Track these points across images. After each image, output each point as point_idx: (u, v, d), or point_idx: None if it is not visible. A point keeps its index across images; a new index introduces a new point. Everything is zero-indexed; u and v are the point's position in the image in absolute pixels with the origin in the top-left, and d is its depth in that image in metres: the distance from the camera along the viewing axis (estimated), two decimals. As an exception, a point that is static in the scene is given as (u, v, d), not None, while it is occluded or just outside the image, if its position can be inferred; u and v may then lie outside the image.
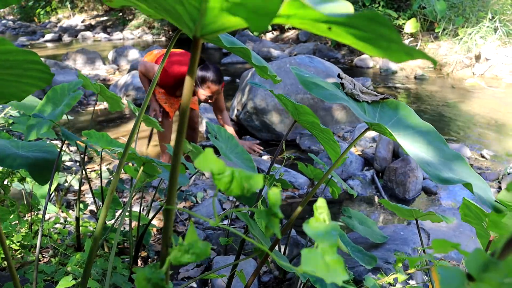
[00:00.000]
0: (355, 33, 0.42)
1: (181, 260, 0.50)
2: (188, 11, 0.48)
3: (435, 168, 0.63)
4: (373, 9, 9.27)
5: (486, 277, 0.40)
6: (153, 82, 0.75)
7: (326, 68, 4.29)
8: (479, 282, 0.41)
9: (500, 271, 0.40)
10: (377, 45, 0.43)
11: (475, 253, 0.43)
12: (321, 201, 0.56)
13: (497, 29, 7.29)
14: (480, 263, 0.42)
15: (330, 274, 0.46)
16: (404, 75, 7.40)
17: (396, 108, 0.87)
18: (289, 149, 3.86)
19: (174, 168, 0.57)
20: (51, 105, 1.28)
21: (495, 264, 0.41)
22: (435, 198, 2.97)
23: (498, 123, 4.60)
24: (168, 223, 0.59)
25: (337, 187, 1.72)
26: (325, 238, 0.49)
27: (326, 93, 0.72)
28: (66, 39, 14.39)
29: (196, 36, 0.54)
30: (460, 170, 0.69)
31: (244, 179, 0.51)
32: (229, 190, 0.52)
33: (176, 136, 0.57)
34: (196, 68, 0.56)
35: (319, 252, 0.48)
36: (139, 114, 0.74)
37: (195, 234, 0.52)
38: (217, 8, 0.44)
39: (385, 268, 1.61)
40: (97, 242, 0.87)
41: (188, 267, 2.03)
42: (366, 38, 0.42)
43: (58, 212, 2.29)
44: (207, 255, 0.51)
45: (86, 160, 3.44)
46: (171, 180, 0.58)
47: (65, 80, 5.90)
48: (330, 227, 0.51)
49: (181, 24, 0.53)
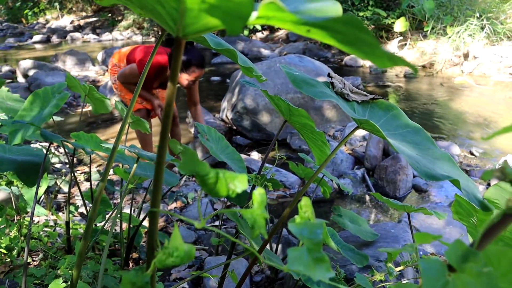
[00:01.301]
0: (334, 36, 0.43)
1: (166, 263, 0.50)
2: (168, 11, 0.48)
3: (423, 165, 0.64)
4: (363, 8, 9.31)
5: (466, 267, 0.41)
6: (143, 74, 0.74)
7: (316, 67, 4.30)
8: (459, 273, 0.41)
9: (479, 261, 0.41)
10: (359, 49, 0.43)
11: (455, 244, 0.44)
12: (305, 200, 0.56)
13: (485, 27, 7.35)
14: (460, 254, 0.43)
15: (316, 271, 0.46)
16: (394, 73, 7.44)
17: (386, 108, 0.88)
18: (279, 149, 3.87)
19: (158, 169, 0.57)
20: (36, 108, 1.27)
21: (474, 254, 0.42)
22: (425, 195, 2.99)
23: (486, 120, 4.64)
24: (153, 226, 0.58)
25: (328, 187, 1.72)
26: (310, 236, 0.50)
27: (316, 91, 0.72)
28: (55, 40, 14.28)
29: (178, 36, 0.54)
30: (448, 169, 0.69)
31: (229, 179, 0.51)
32: (214, 192, 0.52)
33: (160, 136, 0.57)
34: (179, 68, 0.56)
35: (305, 250, 0.48)
36: (126, 115, 0.74)
37: (180, 236, 0.51)
38: (196, 9, 0.44)
39: (376, 266, 1.61)
40: (86, 244, 0.86)
41: (180, 268, 2.03)
42: (346, 41, 0.43)
43: (48, 214, 2.27)
44: (191, 258, 0.51)
45: (76, 162, 3.42)
46: (155, 182, 0.57)
47: (54, 82, 5.86)
48: (315, 225, 0.52)
49: (164, 24, 0.53)
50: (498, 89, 6.15)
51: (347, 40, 0.42)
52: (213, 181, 0.51)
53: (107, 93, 5.59)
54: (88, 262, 1.56)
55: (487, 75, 6.92)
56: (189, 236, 2.32)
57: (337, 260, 1.64)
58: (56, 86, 1.32)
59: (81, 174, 3.17)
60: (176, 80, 0.58)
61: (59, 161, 3.23)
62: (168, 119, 0.58)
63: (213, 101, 5.38)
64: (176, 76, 0.57)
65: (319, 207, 2.83)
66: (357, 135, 3.95)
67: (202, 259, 2.11)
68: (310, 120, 0.98)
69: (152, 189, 0.58)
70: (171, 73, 0.57)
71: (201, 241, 2.31)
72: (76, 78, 5.94)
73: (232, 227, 2.45)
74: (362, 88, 6.20)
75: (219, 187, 0.52)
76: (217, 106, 5.19)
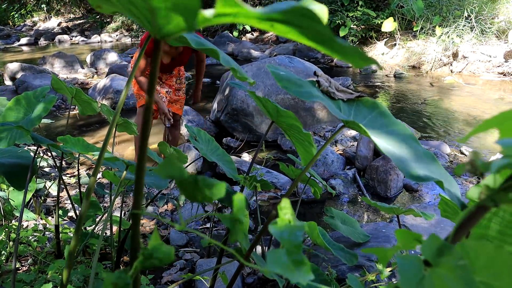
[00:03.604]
0: (296, 30, 0.43)
1: (146, 264, 0.50)
2: (142, 13, 0.48)
3: (407, 165, 0.64)
4: (353, 8, 9.35)
5: (441, 262, 0.42)
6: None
7: (306, 68, 4.31)
8: (435, 267, 0.42)
9: (454, 254, 0.42)
10: (327, 45, 0.43)
11: (430, 240, 0.44)
12: (285, 201, 0.56)
13: (473, 27, 7.42)
14: (435, 249, 0.43)
15: (295, 274, 0.46)
16: (384, 73, 7.48)
17: (371, 106, 0.88)
18: (270, 150, 3.86)
19: (139, 171, 0.56)
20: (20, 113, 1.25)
21: (449, 248, 0.43)
22: (416, 195, 3.01)
23: (476, 119, 4.68)
24: (136, 228, 0.58)
25: (318, 187, 1.72)
26: (290, 238, 0.50)
27: (302, 91, 0.72)
28: (43, 43, 14.16)
29: (156, 37, 0.53)
30: (432, 168, 0.70)
31: (206, 186, 0.51)
32: (191, 197, 0.52)
33: (139, 138, 0.56)
34: (158, 71, 0.55)
35: (284, 252, 0.49)
36: (113, 117, 0.73)
37: (159, 238, 0.51)
38: (163, 8, 0.45)
39: (368, 266, 1.61)
40: (74, 248, 0.85)
41: (171, 271, 2.01)
42: (308, 35, 0.43)
43: (37, 219, 2.25)
44: (170, 259, 0.51)
45: (65, 166, 3.39)
46: (136, 184, 0.57)
47: (42, 84, 5.80)
48: (295, 228, 0.52)
49: (145, 26, 0.53)
50: (487, 88, 6.21)
51: (308, 34, 0.43)
52: (190, 187, 0.52)
53: (96, 95, 5.55)
54: (79, 266, 1.54)
55: (476, 75, 6.99)
56: (180, 238, 2.31)
57: (329, 260, 1.64)
58: (39, 90, 1.30)
59: (70, 178, 3.14)
60: (154, 87, 0.56)
61: (48, 164, 3.20)
62: (147, 124, 0.57)
63: (203, 102, 5.36)
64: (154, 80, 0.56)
65: (311, 207, 2.83)
66: (347, 135, 3.96)
67: (194, 261, 2.10)
68: (298, 121, 0.98)
69: (134, 191, 0.58)
70: (149, 77, 0.56)
71: (193, 244, 2.30)
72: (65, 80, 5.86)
73: (223, 229, 2.44)
74: (352, 88, 6.22)
75: (196, 193, 0.52)
76: (207, 108, 5.17)
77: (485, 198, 0.43)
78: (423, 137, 4.14)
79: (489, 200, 0.42)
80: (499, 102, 5.40)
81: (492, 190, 0.42)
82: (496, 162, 0.40)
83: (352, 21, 9.26)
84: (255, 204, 1.91)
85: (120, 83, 5.52)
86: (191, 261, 2.11)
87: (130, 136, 3.76)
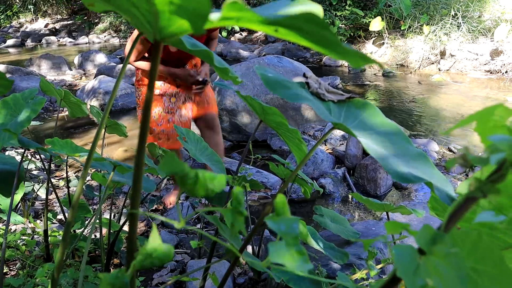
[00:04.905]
0: (300, 35, 0.44)
1: (145, 264, 0.50)
2: (143, 15, 0.48)
3: (396, 166, 0.64)
4: (341, 8, 9.39)
5: (435, 250, 0.44)
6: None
7: (295, 67, 4.32)
8: (429, 255, 0.44)
9: (446, 242, 0.44)
10: (331, 48, 0.44)
11: (424, 229, 0.46)
12: (281, 197, 0.58)
13: (460, 25, 7.49)
14: (428, 237, 0.45)
15: (296, 264, 0.49)
16: (373, 72, 7.53)
17: (362, 107, 0.88)
18: (260, 150, 3.87)
19: (137, 172, 0.56)
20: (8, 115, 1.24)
21: (442, 237, 0.45)
22: (406, 193, 3.03)
23: (464, 117, 4.72)
24: (133, 228, 0.58)
25: (308, 187, 1.73)
26: (287, 231, 0.52)
27: (290, 92, 0.72)
28: (29, 44, 14.01)
29: (156, 39, 0.54)
30: (424, 169, 0.70)
31: (208, 180, 0.51)
32: (193, 192, 0.52)
33: (138, 138, 0.56)
34: (157, 72, 0.55)
35: (284, 244, 0.51)
36: (102, 118, 0.73)
37: (158, 238, 0.51)
38: (166, 11, 0.45)
39: (358, 264, 1.62)
40: (63, 251, 0.84)
41: (162, 273, 2.01)
42: (313, 40, 0.44)
43: (25, 222, 2.23)
44: (170, 259, 0.52)
45: (54, 168, 3.36)
46: (134, 184, 0.57)
47: (29, 86, 5.75)
48: (291, 220, 0.54)
49: (143, 28, 0.53)
50: (474, 86, 6.27)
51: (313, 39, 0.43)
52: (192, 182, 0.52)
53: (85, 97, 5.51)
54: (68, 269, 1.53)
55: (464, 73, 7.06)
56: (171, 240, 2.30)
57: (319, 259, 1.65)
58: (27, 92, 1.29)
59: (59, 180, 3.12)
60: (153, 86, 0.56)
61: (36, 167, 3.17)
62: (146, 122, 0.57)
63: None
64: (153, 81, 0.56)
65: (301, 207, 2.84)
66: (337, 134, 3.97)
67: (185, 262, 2.10)
68: (283, 117, 0.98)
69: (131, 192, 0.58)
70: (149, 79, 0.56)
71: (183, 245, 2.30)
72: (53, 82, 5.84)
73: (213, 230, 2.44)
74: (341, 88, 6.25)
75: (198, 187, 0.53)
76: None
77: (474, 190, 0.45)
78: (412, 135, 4.17)
79: (478, 191, 0.45)
80: (487, 99, 5.46)
81: (481, 182, 0.44)
82: (494, 156, 0.42)
83: (341, 20, 9.31)
84: (245, 204, 1.91)
85: (108, 84, 5.48)
86: (182, 262, 2.10)
87: (119, 138, 3.73)
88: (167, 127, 2.41)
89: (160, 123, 2.39)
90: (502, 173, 0.43)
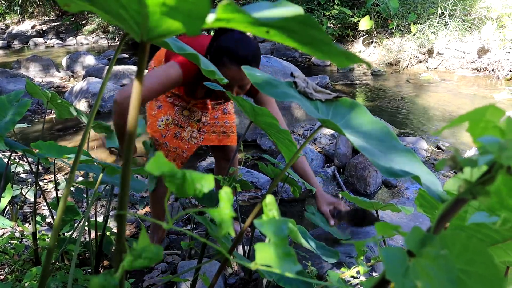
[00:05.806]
0: (292, 36, 0.44)
1: (134, 264, 0.50)
2: (131, 15, 0.48)
3: (384, 162, 0.65)
4: (329, 7, 9.42)
5: (424, 252, 0.44)
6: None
7: (284, 67, 4.32)
8: (418, 257, 0.44)
9: (435, 244, 0.44)
10: (318, 49, 0.44)
11: (413, 231, 0.46)
12: (270, 198, 0.58)
13: (447, 24, 7.56)
14: (418, 240, 0.45)
15: (283, 265, 0.48)
16: (361, 71, 7.56)
17: (350, 106, 0.89)
18: (250, 150, 3.87)
19: (125, 171, 0.56)
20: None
21: (431, 239, 0.45)
22: (395, 191, 3.05)
23: (452, 115, 4.77)
24: (121, 229, 0.58)
25: (297, 186, 1.73)
26: (276, 232, 0.52)
27: (278, 91, 0.72)
28: (16, 46, 13.88)
29: (143, 40, 0.53)
30: (411, 165, 0.71)
31: (195, 180, 0.51)
32: (181, 191, 0.52)
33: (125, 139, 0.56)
34: (143, 76, 0.55)
35: (271, 245, 0.50)
36: (88, 120, 0.72)
37: (147, 238, 0.51)
38: (157, 12, 0.45)
39: (348, 262, 1.63)
40: (51, 254, 0.84)
41: (153, 274, 2.00)
42: (304, 41, 0.44)
43: (14, 226, 2.20)
44: (159, 259, 0.51)
45: (42, 171, 3.33)
46: (122, 185, 0.56)
47: (16, 89, 5.69)
48: (280, 222, 0.54)
49: (129, 28, 0.52)
50: (462, 84, 6.33)
51: (304, 40, 0.43)
52: (180, 182, 0.52)
53: (73, 99, 5.47)
54: (57, 273, 1.52)
55: (451, 71, 7.12)
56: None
57: (309, 258, 1.65)
58: (13, 94, 1.28)
59: (47, 183, 3.09)
60: (138, 96, 0.56)
61: (24, 170, 3.14)
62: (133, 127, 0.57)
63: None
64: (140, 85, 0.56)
65: (292, 206, 2.84)
66: (326, 133, 3.99)
67: (175, 264, 2.09)
68: (274, 118, 0.99)
69: (119, 193, 0.58)
70: (134, 84, 0.55)
71: (173, 246, 2.29)
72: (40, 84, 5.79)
73: (204, 231, 2.43)
74: (331, 87, 6.27)
75: (186, 187, 0.53)
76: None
77: (464, 192, 0.45)
78: (400, 133, 4.20)
79: (468, 193, 0.45)
80: (474, 97, 5.51)
81: (470, 184, 0.45)
82: (483, 158, 0.42)
83: (329, 20, 9.34)
84: (236, 205, 1.92)
85: (97, 86, 5.45)
86: (173, 263, 2.09)
87: (104, 140, 3.71)
88: (173, 142, 1.98)
89: (165, 134, 1.96)
90: (491, 175, 0.43)
